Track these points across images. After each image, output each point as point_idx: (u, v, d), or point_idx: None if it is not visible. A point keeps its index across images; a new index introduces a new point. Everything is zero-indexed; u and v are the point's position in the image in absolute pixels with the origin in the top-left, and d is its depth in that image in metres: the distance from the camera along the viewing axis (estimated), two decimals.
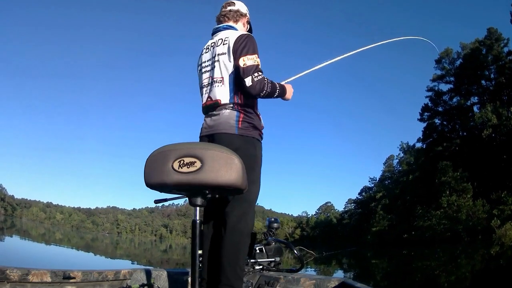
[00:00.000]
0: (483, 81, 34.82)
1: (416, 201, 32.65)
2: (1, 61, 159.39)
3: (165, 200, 1.47)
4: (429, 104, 38.55)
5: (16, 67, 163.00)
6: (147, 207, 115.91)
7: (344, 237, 54.70)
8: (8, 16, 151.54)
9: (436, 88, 38.37)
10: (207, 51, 2.01)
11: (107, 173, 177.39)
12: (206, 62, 2.00)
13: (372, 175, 70.27)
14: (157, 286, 2.00)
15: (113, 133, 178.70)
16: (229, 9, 2.06)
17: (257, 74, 1.78)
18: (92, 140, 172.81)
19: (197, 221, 1.31)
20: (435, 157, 32.72)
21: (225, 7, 2.08)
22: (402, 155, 50.09)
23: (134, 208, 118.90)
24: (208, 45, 2.02)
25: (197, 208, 1.33)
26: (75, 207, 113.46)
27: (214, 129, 1.86)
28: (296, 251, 2.70)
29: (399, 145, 50.52)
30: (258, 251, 2.61)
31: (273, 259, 2.64)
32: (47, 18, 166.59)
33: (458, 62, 36.95)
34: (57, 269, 1.91)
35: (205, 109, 1.97)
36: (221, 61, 1.88)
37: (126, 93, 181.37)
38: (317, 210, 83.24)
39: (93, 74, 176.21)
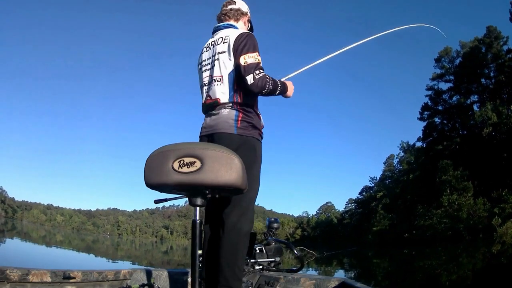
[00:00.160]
0: (482, 80, 34.80)
1: (417, 200, 32.58)
2: (1, 63, 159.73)
3: (165, 200, 1.47)
4: (429, 103, 38.53)
5: (16, 68, 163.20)
6: (148, 208, 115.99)
7: (345, 237, 54.60)
8: (8, 18, 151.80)
9: (436, 87, 38.38)
10: (208, 49, 2.00)
11: (107, 174, 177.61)
12: (206, 60, 1.98)
13: (373, 174, 70.46)
14: (157, 286, 2.00)
15: (113, 135, 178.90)
16: (230, 7, 2.05)
17: (258, 71, 1.76)
18: (92, 141, 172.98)
19: (197, 221, 1.31)
20: (436, 156, 32.70)
21: (225, 6, 2.07)
22: (402, 154, 50.09)
23: (134, 210, 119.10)
24: (208, 44, 2.01)
25: (197, 208, 1.33)
26: (76, 209, 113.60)
27: (214, 129, 1.85)
28: (296, 251, 2.70)
29: (399, 144, 50.56)
30: (258, 251, 2.61)
31: (273, 259, 2.64)
32: (46, 19, 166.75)
33: (458, 60, 36.91)
34: (57, 269, 1.91)
35: (205, 108, 1.96)
36: (221, 59, 1.87)
37: (126, 95, 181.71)
38: (317, 210, 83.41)
39: (93, 76, 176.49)
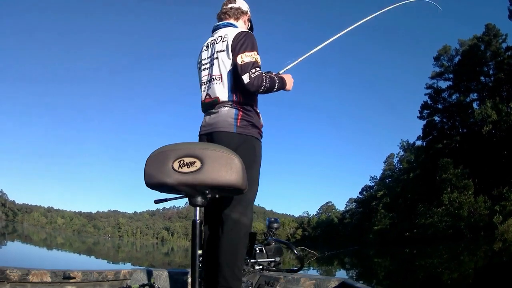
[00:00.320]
0: (482, 78, 34.77)
1: (417, 199, 32.54)
2: (1, 65, 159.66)
3: (165, 200, 1.47)
4: (428, 102, 38.49)
5: (16, 71, 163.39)
6: (148, 210, 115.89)
7: (345, 236, 54.49)
8: (7, 20, 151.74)
9: (435, 85, 38.33)
10: (207, 48, 1.99)
11: (107, 176, 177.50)
12: (205, 59, 1.98)
13: (373, 173, 70.11)
14: (157, 286, 1.99)
15: (113, 137, 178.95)
16: (230, 6, 2.05)
17: (254, 70, 1.75)
18: (92, 144, 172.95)
19: (197, 221, 1.32)
20: (436, 155, 32.67)
21: (226, 5, 2.06)
22: (402, 153, 50.02)
23: (135, 212, 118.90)
24: (208, 43, 2.01)
25: (197, 208, 1.33)
26: (76, 211, 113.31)
27: (213, 127, 1.85)
28: (296, 251, 2.69)
29: (399, 143, 50.44)
30: (258, 251, 2.60)
31: (273, 259, 2.63)
32: (46, 22, 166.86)
33: (457, 59, 36.88)
34: (57, 269, 1.90)
35: (204, 106, 1.96)
36: (220, 58, 1.87)
37: (126, 97, 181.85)
38: (318, 210, 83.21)
39: (92, 78, 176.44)
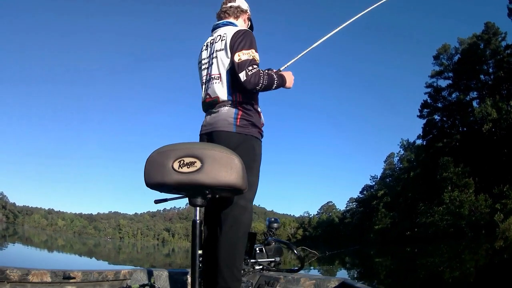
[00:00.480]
0: (482, 76, 34.78)
1: (418, 198, 32.52)
2: (1, 66, 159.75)
3: (165, 200, 1.47)
4: (428, 101, 38.51)
5: (16, 72, 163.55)
6: (149, 211, 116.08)
7: (346, 236, 54.47)
8: (7, 21, 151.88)
9: (435, 84, 38.32)
10: (207, 47, 1.99)
11: (108, 178, 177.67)
12: (205, 59, 1.98)
13: (373, 173, 70.14)
14: (157, 286, 1.98)
15: (113, 138, 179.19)
16: (230, 5, 2.04)
17: (251, 67, 1.73)
18: (91, 145, 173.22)
19: (197, 221, 1.31)
20: (436, 153, 32.66)
21: (225, 3, 2.06)
22: (402, 152, 49.90)
23: (135, 213, 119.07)
24: (207, 42, 2.01)
25: (197, 208, 1.33)
26: (77, 213, 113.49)
27: (213, 127, 1.84)
28: (296, 251, 2.68)
29: (399, 143, 50.25)
30: (258, 251, 2.60)
31: (273, 259, 2.63)
32: (46, 23, 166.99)
33: (456, 57, 36.88)
34: (57, 269, 1.89)
35: (205, 106, 1.95)
36: (219, 57, 1.86)
37: (126, 97, 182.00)
38: (318, 210, 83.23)
39: (93, 79, 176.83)
